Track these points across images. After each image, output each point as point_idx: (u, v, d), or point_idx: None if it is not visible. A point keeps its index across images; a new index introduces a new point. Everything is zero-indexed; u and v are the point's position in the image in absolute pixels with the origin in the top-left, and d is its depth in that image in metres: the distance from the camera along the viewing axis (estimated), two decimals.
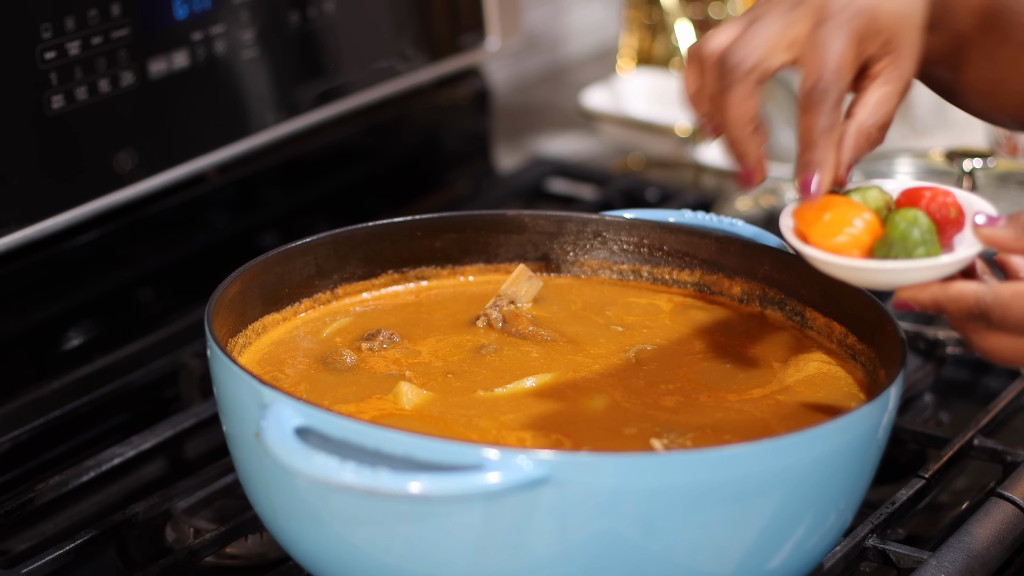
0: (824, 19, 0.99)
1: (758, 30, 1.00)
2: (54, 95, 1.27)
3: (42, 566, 1.09)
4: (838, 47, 0.98)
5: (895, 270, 0.97)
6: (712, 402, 1.04)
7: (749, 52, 0.99)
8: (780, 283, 1.14)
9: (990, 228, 0.97)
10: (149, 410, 1.35)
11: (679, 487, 0.89)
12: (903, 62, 1.01)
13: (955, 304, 0.96)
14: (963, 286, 0.96)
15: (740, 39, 1.00)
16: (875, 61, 1.01)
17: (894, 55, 1.01)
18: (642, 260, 1.19)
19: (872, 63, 1.01)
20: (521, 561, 0.91)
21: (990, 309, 0.95)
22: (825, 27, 0.99)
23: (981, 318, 0.95)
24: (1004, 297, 0.94)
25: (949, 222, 0.99)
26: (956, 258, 0.97)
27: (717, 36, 1.02)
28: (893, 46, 1.01)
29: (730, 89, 1.00)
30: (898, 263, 0.97)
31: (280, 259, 1.12)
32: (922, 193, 1.00)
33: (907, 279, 0.97)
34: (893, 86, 1.02)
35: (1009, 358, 0.96)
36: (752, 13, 1.02)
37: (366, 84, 1.54)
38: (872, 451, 0.97)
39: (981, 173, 1.51)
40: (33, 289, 1.33)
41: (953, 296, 0.96)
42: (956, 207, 0.99)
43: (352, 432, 0.89)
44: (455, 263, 1.19)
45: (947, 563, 1.05)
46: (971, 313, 0.95)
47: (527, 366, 1.08)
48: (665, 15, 1.89)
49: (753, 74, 0.99)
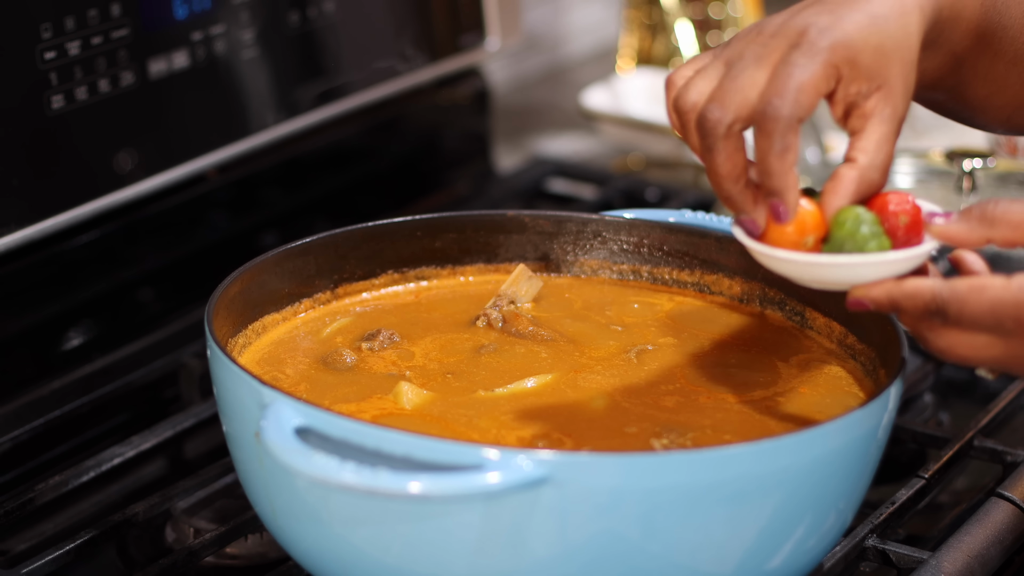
0: (798, 44, 0.96)
1: (734, 79, 0.97)
2: (54, 95, 1.27)
3: (42, 566, 1.09)
4: (803, 72, 0.95)
5: (850, 264, 0.96)
6: (712, 402, 1.04)
7: (727, 110, 0.96)
8: (780, 283, 1.14)
9: (943, 224, 0.96)
10: (149, 410, 1.35)
11: (679, 487, 0.89)
12: (894, 99, 0.98)
13: (911, 300, 0.95)
14: (919, 282, 0.95)
15: (716, 94, 0.97)
16: (864, 99, 0.98)
17: (883, 92, 0.98)
18: (642, 260, 1.19)
19: (861, 101, 0.98)
20: (521, 561, 0.91)
21: (947, 304, 0.93)
22: (795, 51, 0.96)
23: (937, 314, 0.94)
24: (961, 291, 0.93)
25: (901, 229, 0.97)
26: (911, 253, 0.95)
27: (694, 87, 0.98)
28: (881, 82, 0.98)
29: (713, 150, 0.97)
30: (853, 258, 0.96)
31: (280, 259, 1.12)
32: (885, 199, 0.99)
33: (862, 275, 0.96)
34: (888, 126, 0.98)
35: (966, 355, 0.95)
36: (729, 51, 0.99)
37: (366, 84, 1.54)
38: (872, 451, 0.97)
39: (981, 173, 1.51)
40: (33, 289, 1.33)
41: (909, 292, 0.95)
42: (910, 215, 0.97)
43: (352, 432, 0.89)
44: (455, 263, 1.19)
45: (947, 563, 1.05)
46: (927, 309, 0.94)
47: (527, 366, 1.08)
48: (665, 15, 1.89)
49: (734, 129, 0.97)
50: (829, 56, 0.96)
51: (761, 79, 0.96)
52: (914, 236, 0.97)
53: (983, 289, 0.93)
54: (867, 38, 0.97)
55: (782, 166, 0.96)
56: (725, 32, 1.91)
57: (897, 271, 0.96)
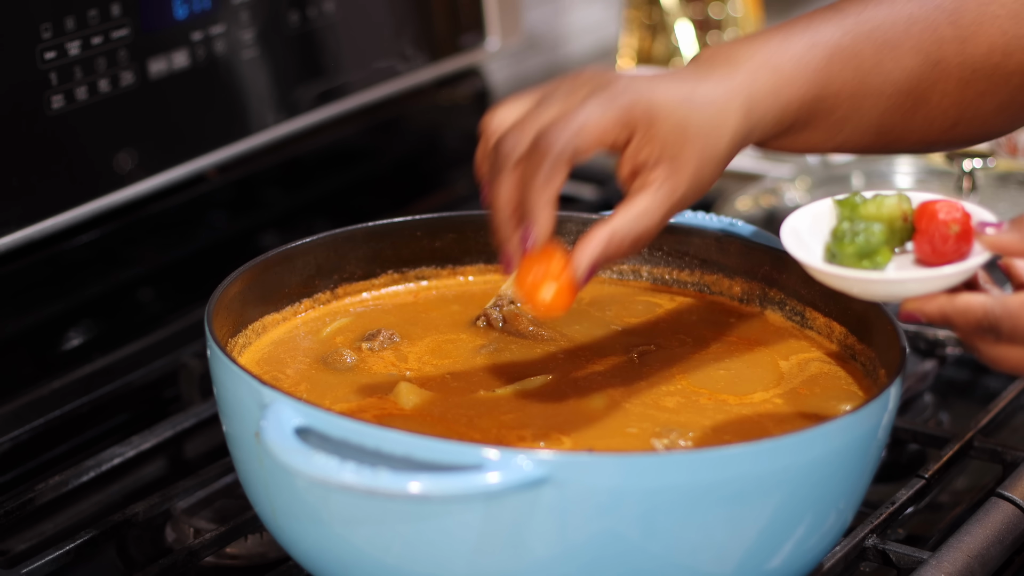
0: (597, 89, 0.96)
1: (537, 113, 0.96)
2: (54, 95, 1.27)
3: (42, 566, 1.09)
4: (592, 113, 0.95)
5: (902, 281, 0.97)
6: (712, 402, 1.04)
7: (520, 141, 0.96)
8: (780, 283, 1.14)
9: (995, 234, 0.96)
10: (149, 410, 1.35)
11: (679, 487, 0.89)
12: (678, 179, 0.97)
13: (963, 316, 0.95)
14: (970, 298, 0.95)
15: (517, 124, 0.97)
16: (651, 169, 0.97)
17: (670, 168, 0.97)
18: (642, 260, 1.19)
19: (647, 170, 0.97)
20: (521, 561, 0.91)
21: (999, 321, 0.94)
22: (594, 94, 0.96)
23: (990, 330, 0.94)
24: (1013, 308, 0.93)
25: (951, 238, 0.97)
26: (961, 268, 0.96)
27: (500, 115, 0.99)
28: (671, 157, 0.97)
29: (497, 178, 0.97)
30: (903, 274, 0.97)
31: (280, 259, 1.12)
32: (935, 208, 0.99)
33: (913, 289, 0.96)
34: (661, 200, 0.97)
35: (1020, 368, 0.95)
36: (547, 88, 0.99)
37: (366, 84, 1.54)
38: (872, 451, 0.97)
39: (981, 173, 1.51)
40: (33, 289, 1.33)
41: (961, 308, 0.95)
42: (960, 223, 0.97)
43: (352, 432, 0.89)
44: (455, 263, 1.19)
45: (947, 563, 1.05)
46: (979, 326, 0.94)
47: (527, 366, 1.08)
48: (665, 15, 1.89)
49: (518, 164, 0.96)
50: (625, 110, 0.95)
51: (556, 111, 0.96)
52: (964, 245, 0.97)
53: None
54: (673, 110, 0.96)
55: (540, 198, 0.95)
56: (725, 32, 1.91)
57: (949, 284, 0.96)
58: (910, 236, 0.99)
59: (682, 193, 0.98)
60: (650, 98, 0.96)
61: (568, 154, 0.95)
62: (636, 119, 0.96)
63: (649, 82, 0.97)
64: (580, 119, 0.95)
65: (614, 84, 0.97)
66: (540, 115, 0.96)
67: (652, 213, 0.97)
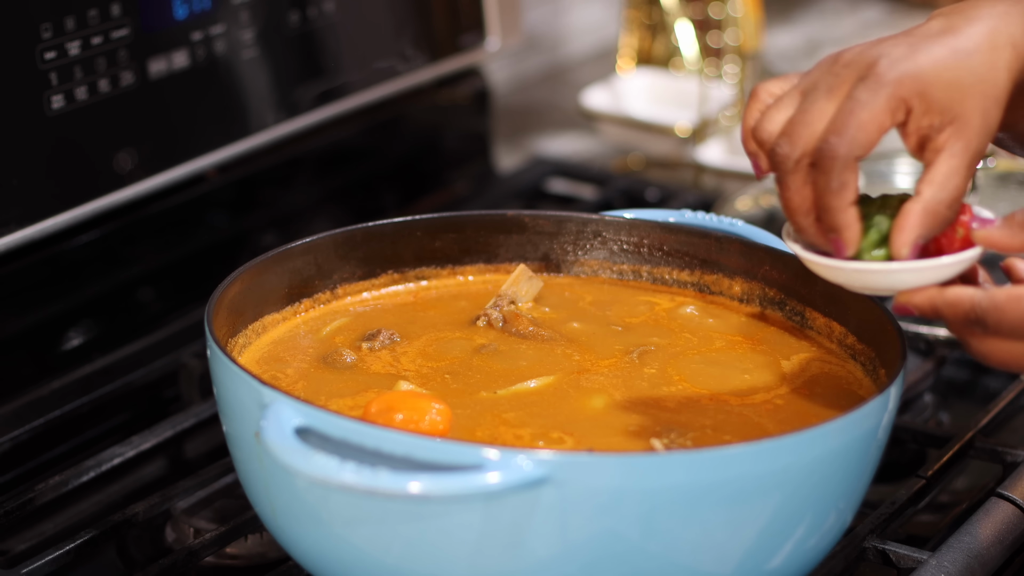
0: (865, 76, 0.96)
1: (805, 112, 0.97)
2: (54, 95, 1.27)
3: (42, 566, 1.09)
4: (864, 109, 0.95)
5: (893, 271, 0.97)
6: (712, 402, 1.04)
7: (795, 146, 0.97)
8: (780, 283, 1.14)
9: (986, 229, 0.97)
10: (149, 410, 1.35)
11: (679, 487, 0.89)
12: (968, 133, 0.97)
13: (952, 309, 0.96)
14: (960, 291, 0.96)
15: (787, 128, 0.98)
16: (937, 132, 0.97)
17: (956, 126, 0.97)
18: (642, 260, 1.19)
19: (934, 134, 0.97)
20: (521, 561, 0.91)
21: (986, 314, 0.94)
22: (861, 85, 0.96)
23: (977, 323, 0.95)
24: (999, 301, 0.94)
25: (958, 241, 0.98)
26: (952, 260, 0.96)
27: (771, 118, 0.99)
28: (954, 117, 0.97)
29: (782, 184, 0.99)
30: (897, 265, 0.97)
31: (280, 259, 1.12)
32: None
33: (906, 281, 0.97)
34: (959, 160, 0.97)
35: (1007, 362, 0.96)
36: (806, 80, 0.99)
37: (366, 84, 1.54)
38: (872, 451, 0.97)
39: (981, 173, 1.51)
40: (33, 289, 1.33)
41: (950, 301, 0.96)
42: (965, 227, 0.97)
43: (352, 432, 0.89)
44: (455, 263, 1.19)
45: (947, 563, 1.05)
46: (967, 318, 0.95)
47: (527, 366, 1.08)
48: (665, 15, 1.89)
49: (801, 164, 0.97)
50: (895, 90, 0.96)
51: (830, 112, 0.97)
52: (969, 245, 0.97)
53: (1020, 299, 0.94)
54: (941, 72, 0.96)
55: (839, 203, 0.97)
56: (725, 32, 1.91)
57: (942, 276, 0.97)
58: None
59: (976, 145, 0.98)
60: (916, 71, 0.96)
61: (852, 159, 0.96)
62: (908, 96, 0.96)
63: (909, 52, 0.97)
64: (855, 121, 0.96)
65: (875, 68, 0.96)
66: (811, 118, 0.97)
67: (955, 173, 0.97)
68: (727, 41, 1.91)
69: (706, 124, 1.78)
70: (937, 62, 0.96)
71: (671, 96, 1.85)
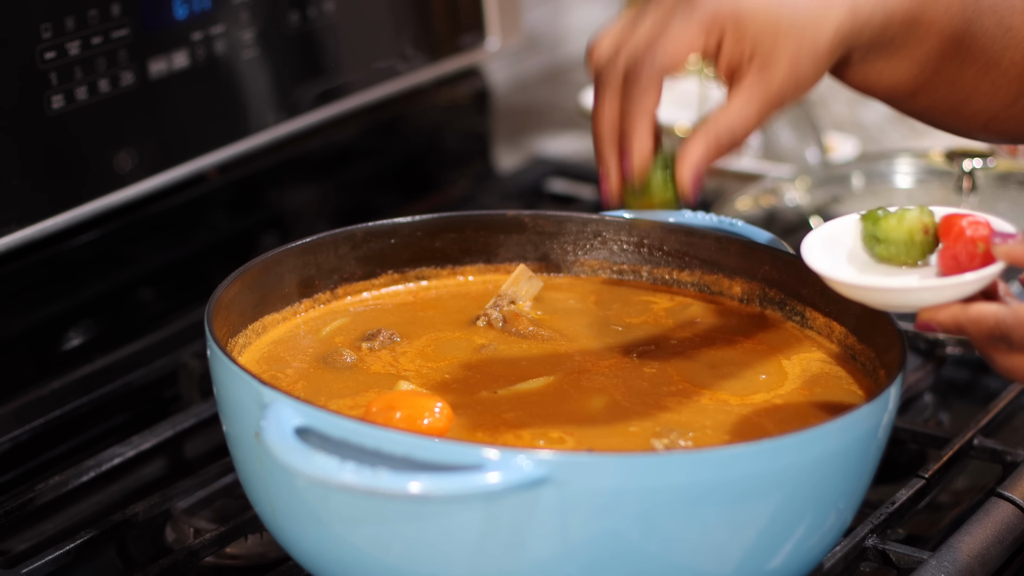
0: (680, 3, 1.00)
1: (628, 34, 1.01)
2: (54, 95, 1.27)
3: (42, 566, 1.09)
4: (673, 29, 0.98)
5: (916, 289, 0.97)
6: (712, 402, 1.04)
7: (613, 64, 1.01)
8: (780, 283, 1.14)
9: (1007, 244, 0.96)
10: (149, 410, 1.35)
11: (679, 487, 0.89)
12: (772, 72, 0.99)
13: (976, 325, 0.95)
14: (983, 307, 0.95)
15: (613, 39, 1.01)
16: (743, 66, 1.00)
17: (761, 61, 0.99)
18: (642, 260, 1.19)
19: (740, 67, 1.00)
20: (521, 561, 0.91)
21: (1011, 330, 0.94)
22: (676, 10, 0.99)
23: (1002, 339, 0.94)
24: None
25: (979, 257, 0.97)
26: (974, 277, 0.96)
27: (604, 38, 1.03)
28: (762, 53, 0.99)
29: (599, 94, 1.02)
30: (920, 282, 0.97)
31: (280, 259, 1.12)
32: (961, 226, 0.99)
33: (927, 299, 0.96)
34: (755, 93, 1.00)
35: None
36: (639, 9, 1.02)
37: (366, 84, 1.54)
38: (872, 451, 0.97)
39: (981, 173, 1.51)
40: (33, 289, 1.33)
41: (974, 317, 0.95)
42: (986, 242, 0.97)
43: (352, 432, 0.89)
44: (455, 263, 1.19)
45: (947, 563, 1.05)
46: (992, 335, 0.94)
47: (527, 366, 1.08)
48: None
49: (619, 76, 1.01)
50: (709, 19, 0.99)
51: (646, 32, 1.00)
52: (990, 260, 0.97)
53: None
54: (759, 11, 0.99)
55: (636, 117, 0.99)
56: None
57: (964, 293, 0.96)
58: (932, 249, 0.99)
59: (777, 86, 1.00)
60: (730, 7, 0.99)
61: (657, 72, 0.99)
62: (723, 24, 0.99)
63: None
64: (664, 37, 0.98)
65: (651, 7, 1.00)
66: (631, 37, 1.00)
67: (747, 106, 1.00)
68: None
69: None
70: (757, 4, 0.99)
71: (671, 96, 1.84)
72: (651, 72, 0.99)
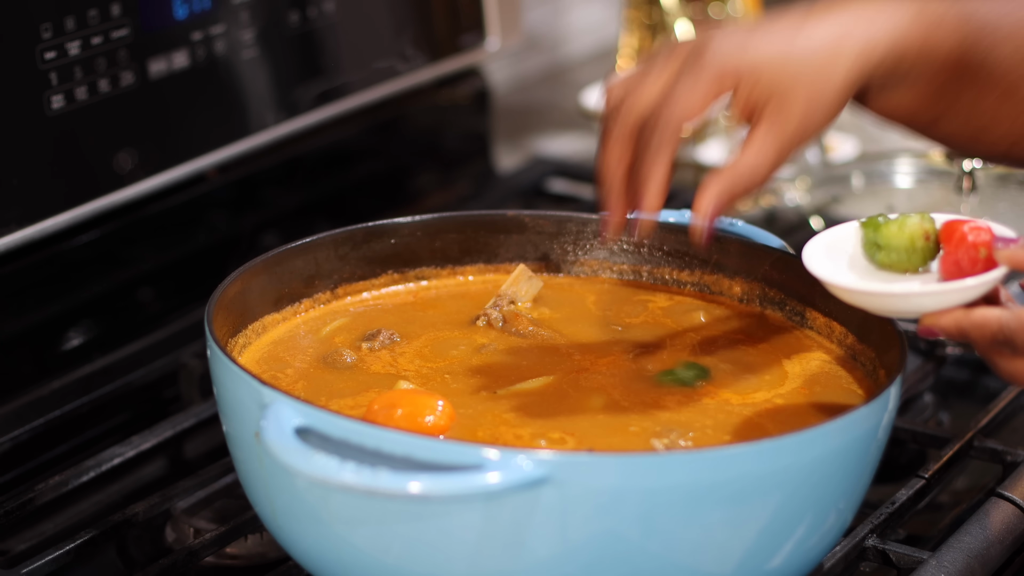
0: (687, 62, 1.01)
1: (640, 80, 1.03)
2: (54, 95, 1.27)
3: (42, 566, 1.09)
4: (682, 89, 1.00)
5: (917, 295, 0.97)
6: (712, 402, 1.04)
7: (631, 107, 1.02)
8: (780, 283, 1.14)
9: (1009, 249, 0.96)
10: (149, 410, 1.35)
11: (679, 487, 0.89)
12: (786, 116, 1.00)
13: (979, 330, 0.95)
14: (986, 312, 0.95)
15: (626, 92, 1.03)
16: (762, 105, 1.01)
17: (777, 105, 1.00)
18: (642, 260, 1.19)
19: (759, 106, 1.01)
20: (521, 561, 0.91)
21: (1014, 334, 0.94)
22: (687, 66, 1.01)
23: (1005, 344, 0.94)
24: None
25: (981, 262, 0.97)
26: (975, 282, 0.96)
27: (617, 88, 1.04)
28: (774, 101, 1.00)
29: (608, 141, 1.03)
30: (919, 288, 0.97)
31: (280, 259, 1.12)
32: (963, 231, 0.99)
33: (929, 304, 0.97)
34: (772, 137, 1.01)
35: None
36: (647, 61, 1.04)
37: (366, 84, 1.54)
38: (872, 451, 0.97)
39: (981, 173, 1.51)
40: (33, 289, 1.33)
41: (977, 322, 0.95)
42: (988, 247, 0.97)
43: (352, 432, 0.89)
44: (455, 263, 1.19)
45: (947, 563, 1.05)
46: (995, 339, 0.95)
47: (527, 366, 1.08)
48: (665, 15, 1.89)
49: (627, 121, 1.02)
50: (716, 78, 1.00)
51: (660, 84, 1.02)
52: (992, 266, 0.97)
53: None
54: (773, 56, 1.01)
55: (655, 159, 1.01)
56: None
57: (966, 299, 0.96)
58: (933, 255, 0.99)
59: (792, 130, 1.01)
60: (738, 61, 1.01)
61: (674, 127, 1.00)
62: (737, 74, 1.00)
63: (741, 42, 1.01)
64: (679, 91, 1.00)
65: (702, 55, 1.01)
66: (643, 87, 1.02)
67: (764, 149, 1.01)
68: None
69: (706, 124, 1.78)
70: (770, 45, 1.01)
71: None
72: (667, 127, 1.00)
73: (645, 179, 1.02)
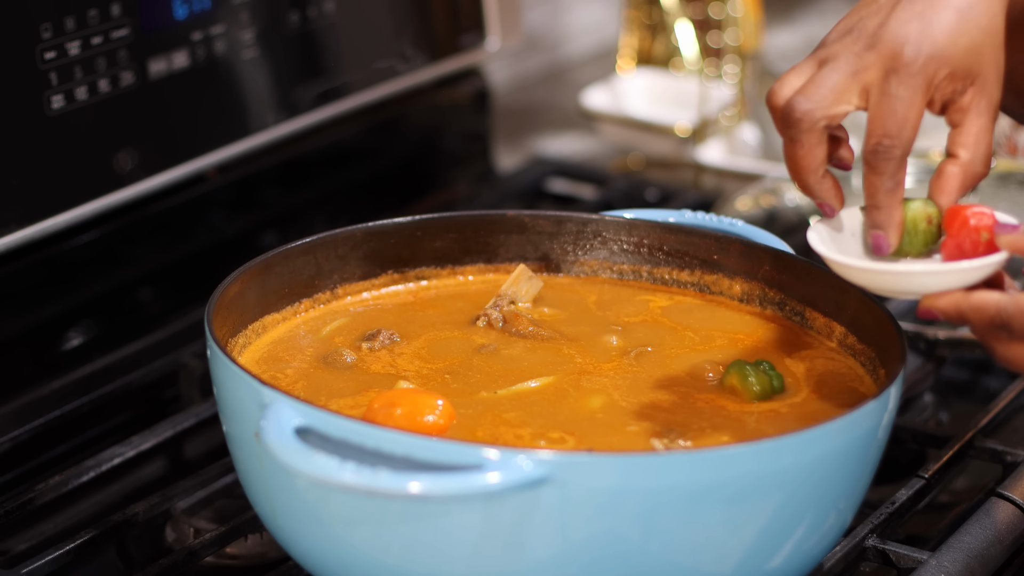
0: (895, 69, 0.98)
1: (826, 76, 0.99)
2: (54, 95, 1.27)
3: (42, 566, 1.09)
4: (906, 101, 0.97)
5: (917, 273, 0.97)
6: (712, 402, 1.04)
7: (814, 104, 0.98)
8: (780, 283, 1.14)
9: (1011, 235, 0.96)
10: (149, 410, 1.35)
11: (679, 487, 0.89)
12: (989, 89, 0.99)
13: (977, 313, 0.95)
14: (985, 295, 0.95)
15: (807, 87, 0.99)
16: (960, 95, 0.99)
17: (978, 85, 0.99)
18: (642, 260, 1.19)
19: (957, 97, 0.99)
20: (521, 561, 0.91)
21: (1011, 319, 0.94)
22: (894, 78, 0.98)
23: (1003, 328, 0.94)
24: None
25: (982, 245, 0.98)
26: (976, 264, 0.96)
27: (786, 83, 1.00)
28: (974, 78, 0.99)
29: (796, 141, 1.00)
30: (920, 266, 0.97)
31: (280, 259, 1.12)
32: (965, 214, 0.99)
33: (929, 284, 0.97)
34: (986, 117, 1.00)
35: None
36: (824, 52, 1.00)
37: (366, 84, 1.54)
38: (872, 451, 0.97)
39: None
40: (33, 289, 1.33)
41: (975, 305, 0.95)
42: (990, 230, 0.98)
43: (352, 432, 0.89)
44: (455, 263, 1.19)
45: (947, 563, 1.05)
46: (992, 323, 0.95)
47: (527, 366, 1.08)
48: (665, 15, 1.89)
49: (818, 125, 0.99)
50: (924, 76, 0.98)
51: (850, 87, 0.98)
52: (993, 248, 0.97)
53: None
54: (957, 39, 0.98)
55: (891, 201, 0.99)
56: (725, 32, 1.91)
57: (967, 281, 0.96)
58: (935, 239, 1.00)
59: (997, 96, 1.00)
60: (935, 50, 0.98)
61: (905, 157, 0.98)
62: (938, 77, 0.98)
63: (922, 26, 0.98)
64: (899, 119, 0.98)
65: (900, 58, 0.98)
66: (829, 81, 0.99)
67: (986, 130, 1.00)
68: (727, 41, 1.91)
69: (706, 124, 1.78)
70: (950, 31, 0.98)
71: (671, 96, 1.85)
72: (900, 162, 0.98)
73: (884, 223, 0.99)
